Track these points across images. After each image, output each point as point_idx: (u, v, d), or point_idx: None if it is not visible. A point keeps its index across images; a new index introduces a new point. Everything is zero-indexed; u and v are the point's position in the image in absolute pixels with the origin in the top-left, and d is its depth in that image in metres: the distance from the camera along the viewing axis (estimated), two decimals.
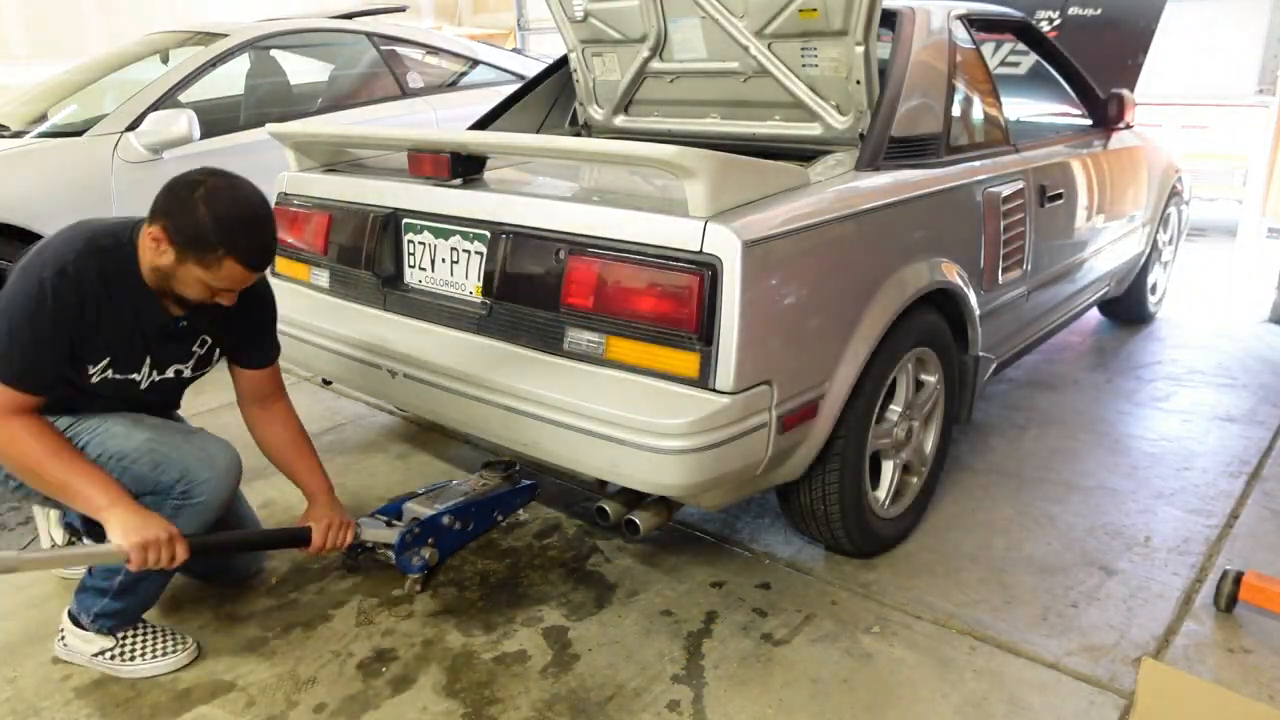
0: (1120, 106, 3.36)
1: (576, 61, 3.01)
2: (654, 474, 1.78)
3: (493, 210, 2.11)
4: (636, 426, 1.76)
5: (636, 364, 1.86)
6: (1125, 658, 1.97)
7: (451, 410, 2.12)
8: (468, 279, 2.15)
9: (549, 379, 1.92)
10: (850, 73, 2.39)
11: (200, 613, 2.13)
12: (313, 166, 2.64)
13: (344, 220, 2.44)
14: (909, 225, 2.23)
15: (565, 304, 1.94)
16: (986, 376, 2.64)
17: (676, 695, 1.86)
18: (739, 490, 2.01)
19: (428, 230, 2.24)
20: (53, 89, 4.18)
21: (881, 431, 2.26)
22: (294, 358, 2.49)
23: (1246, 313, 4.48)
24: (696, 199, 1.79)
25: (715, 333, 1.76)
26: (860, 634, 2.05)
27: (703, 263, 1.76)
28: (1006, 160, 2.68)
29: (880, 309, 2.08)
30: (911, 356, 2.27)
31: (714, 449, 1.75)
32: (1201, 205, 5.90)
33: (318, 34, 4.56)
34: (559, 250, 1.96)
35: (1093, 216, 3.24)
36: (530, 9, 9.62)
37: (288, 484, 2.74)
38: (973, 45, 2.64)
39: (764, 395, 1.83)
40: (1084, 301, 3.52)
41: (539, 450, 1.97)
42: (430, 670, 1.94)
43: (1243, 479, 2.78)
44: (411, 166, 2.30)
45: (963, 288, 2.36)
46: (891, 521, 2.36)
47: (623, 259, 1.87)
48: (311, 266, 2.56)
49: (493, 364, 2.03)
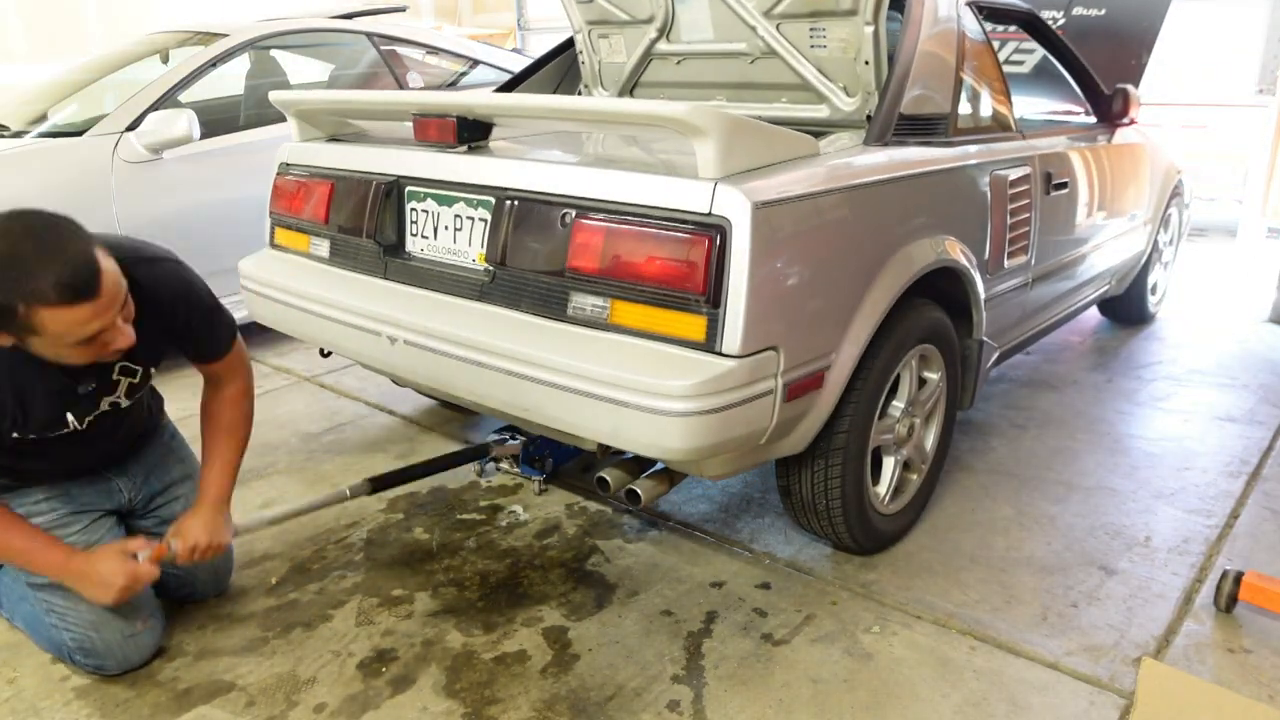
0: (1125, 102, 3.36)
1: (582, 43, 2.99)
2: (658, 438, 1.75)
3: (498, 175, 2.09)
4: (641, 388, 1.73)
5: (642, 328, 1.84)
6: (1125, 658, 1.97)
7: (451, 376, 2.09)
8: (470, 246, 2.13)
9: (552, 344, 1.90)
10: (859, 53, 2.38)
11: (200, 613, 2.13)
12: (316, 137, 2.61)
13: (346, 189, 2.41)
14: (917, 201, 2.22)
15: (570, 268, 1.91)
16: (990, 364, 2.64)
17: (676, 695, 1.86)
18: (741, 461, 1.99)
19: (431, 198, 2.21)
20: (53, 89, 4.17)
21: (884, 427, 2.26)
22: (292, 328, 2.47)
23: (1246, 313, 4.48)
24: (706, 159, 1.77)
25: (723, 295, 1.74)
26: (860, 634, 2.05)
27: (712, 224, 1.75)
28: (1013, 146, 2.69)
29: (887, 283, 2.07)
30: (916, 353, 2.27)
31: (719, 413, 1.73)
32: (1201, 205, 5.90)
33: (318, 34, 4.55)
34: (565, 214, 1.93)
35: (1096, 209, 3.24)
36: (530, 9, 9.61)
37: (287, 484, 2.76)
38: (981, 32, 2.63)
39: (770, 361, 1.81)
40: (1085, 298, 3.52)
41: (541, 415, 1.94)
42: (430, 670, 1.94)
43: (1243, 479, 2.78)
44: (417, 132, 2.26)
45: (969, 268, 2.35)
46: (891, 518, 2.36)
47: (630, 222, 1.84)
48: (311, 237, 2.53)
49: (494, 330, 2.00)
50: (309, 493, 2.69)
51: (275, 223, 2.65)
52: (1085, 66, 3.31)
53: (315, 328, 2.41)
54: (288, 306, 2.43)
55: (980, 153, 2.50)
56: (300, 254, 2.57)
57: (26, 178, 3.32)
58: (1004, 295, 2.68)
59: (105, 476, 2.03)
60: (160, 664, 1.96)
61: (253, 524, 2.14)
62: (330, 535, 2.46)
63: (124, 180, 3.49)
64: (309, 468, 2.87)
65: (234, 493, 2.03)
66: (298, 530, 2.47)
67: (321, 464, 2.90)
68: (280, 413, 3.32)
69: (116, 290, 1.56)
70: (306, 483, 2.77)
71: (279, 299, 2.48)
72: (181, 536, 1.91)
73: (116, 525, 2.03)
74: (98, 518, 1.98)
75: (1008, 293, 2.70)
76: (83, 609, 1.86)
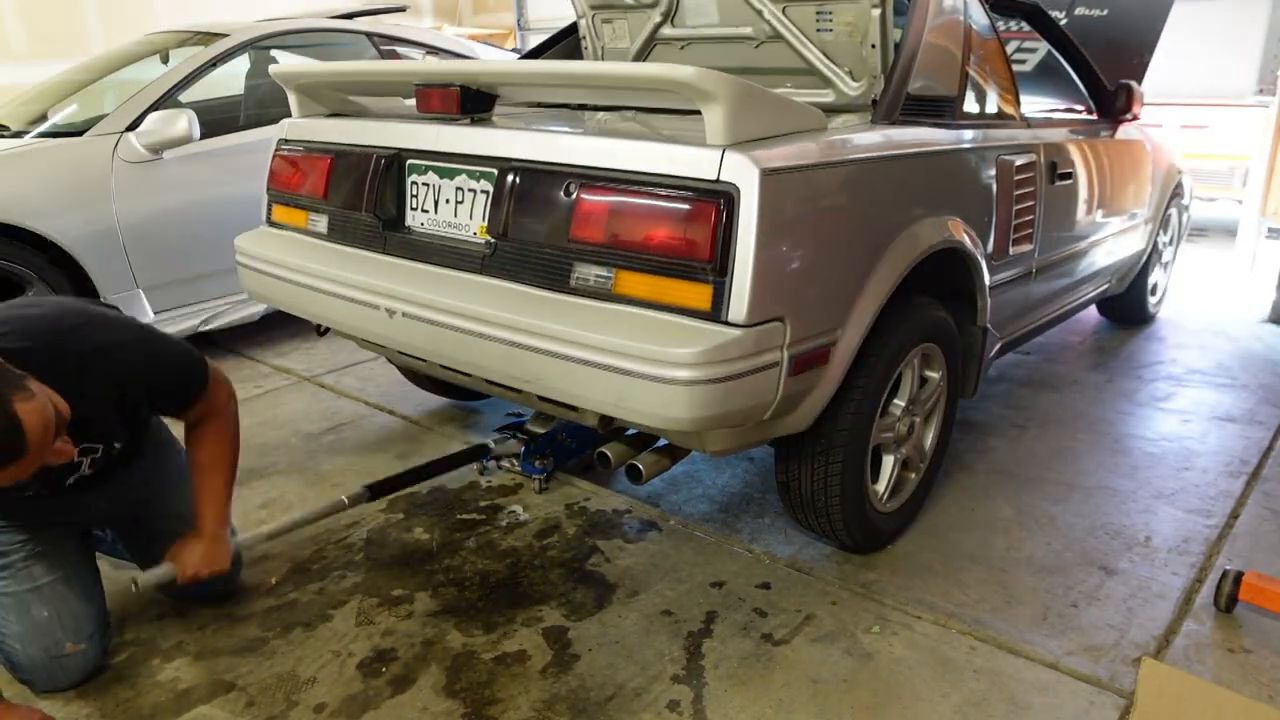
0: (1129, 98, 3.36)
1: (585, 28, 2.98)
2: (661, 407, 1.72)
3: (501, 145, 2.07)
4: (645, 356, 1.70)
5: (647, 298, 1.82)
6: (1125, 658, 1.97)
7: (450, 348, 2.06)
8: (471, 219, 2.11)
9: (554, 314, 1.87)
10: (865, 37, 2.38)
11: (200, 613, 2.13)
12: (316, 112, 2.59)
13: (345, 163, 2.39)
14: (924, 180, 2.22)
15: (574, 238, 1.89)
16: (993, 354, 2.64)
17: (676, 695, 1.86)
18: (744, 437, 1.98)
19: (433, 170, 2.20)
20: (53, 89, 4.17)
21: (885, 425, 2.26)
22: (288, 303, 2.46)
23: (1246, 313, 4.48)
24: (715, 125, 1.75)
25: (730, 263, 1.72)
26: (860, 634, 2.05)
27: (719, 191, 1.73)
28: (1020, 133, 2.69)
29: (894, 261, 2.05)
30: (918, 351, 2.27)
31: (724, 383, 1.70)
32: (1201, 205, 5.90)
33: (318, 34, 4.55)
34: (569, 184, 1.91)
35: (1098, 203, 3.24)
36: (530, 9, 9.62)
37: (287, 484, 2.76)
38: (987, 19, 2.63)
39: (777, 332, 1.79)
40: (1086, 295, 3.52)
41: (542, 386, 1.91)
42: (430, 670, 1.94)
43: (1243, 479, 2.78)
44: (419, 103, 2.24)
45: (974, 252, 2.35)
46: (889, 516, 2.36)
47: (636, 190, 1.82)
48: (309, 213, 2.52)
49: (494, 301, 1.97)
50: (309, 493, 2.69)
51: (273, 199, 2.64)
52: (1089, 62, 3.31)
53: (311, 302, 2.38)
54: (283, 281, 2.40)
55: (987, 137, 2.50)
56: (298, 230, 2.55)
57: (26, 177, 3.32)
58: (1008, 284, 2.68)
59: None
60: (160, 664, 1.96)
61: (251, 540, 2.14)
62: (330, 535, 2.46)
63: (124, 180, 3.48)
64: (309, 468, 2.87)
65: (234, 492, 2.03)
66: (297, 530, 2.47)
67: (321, 464, 2.90)
68: (280, 413, 3.32)
69: (45, 431, 1.46)
70: (306, 483, 2.77)
71: (274, 274, 2.45)
72: (180, 564, 1.91)
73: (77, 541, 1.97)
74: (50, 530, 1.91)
75: (1011, 281, 2.70)
76: (11, 620, 1.83)
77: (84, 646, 1.88)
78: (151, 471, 2.06)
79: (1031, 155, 2.68)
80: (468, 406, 3.33)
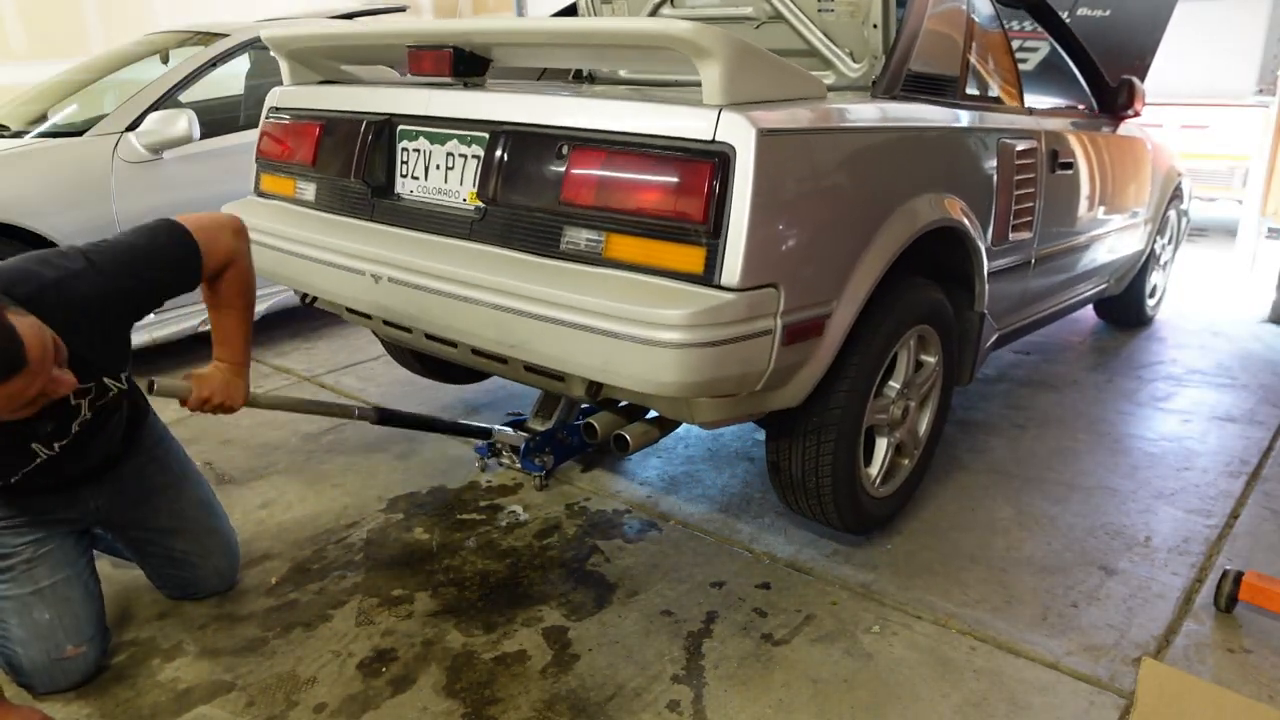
0: (1130, 93, 3.36)
1: (585, 9, 2.98)
2: (650, 371, 1.68)
3: (494, 109, 2.05)
4: (635, 318, 1.67)
5: (638, 261, 1.79)
6: (1125, 658, 1.97)
7: (437, 314, 2.03)
8: (462, 185, 2.09)
9: (543, 278, 1.85)
10: (867, 17, 2.37)
11: (200, 613, 2.13)
12: (308, 80, 2.57)
13: (335, 130, 2.36)
14: (923, 156, 2.20)
15: (565, 200, 1.86)
16: (989, 345, 2.63)
17: (676, 695, 1.86)
18: (735, 409, 1.95)
19: (424, 136, 2.18)
20: (53, 89, 4.17)
21: (879, 406, 2.24)
22: (272, 271, 2.44)
23: (1246, 313, 4.49)
24: (711, 84, 1.71)
25: (724, 225, 1.69)
26: (860, 634, 2.05)
27: (715, 152, 1.70)
28: (1021, 119, 2.68)
29: (891, 235, 2.03)
30: (914, 333, 2.26)
31: (715, 347, 1.66)
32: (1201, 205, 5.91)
33: None
34: (562, 146, 1.89)
35: (1098, 198, 3.24)
36: (530, 9, 9.61)
37: (287, 484, 2.76)
38: (991, 9, 2.62)
39: (770, 299, 1.76)
40: (1084, 292, 3.52)
41: (528, 351, 1.88)
42: (430, 670, 1.94)
43: (1243, 479, 2.78)
44: (411, 65, 2.21)
45: (972, 234, 2.34)
46: (881, 502, 2.35)
47: (630, 151, 1.80)
48: (297, 180, 2.50)
49: (482, 266, 1.95)
50: (309, 493, 2.69)
51: (261, 169, 2.64)
52: (1091, 58, 3.31)
53: (295, 269, 2.36)
54: (267, 248, 2.37)
55: (988, 119, 2.49)
56: (285, 199, 2.54)
57: (26, 177, 3.32)
58: (1006, 272, 2.67)
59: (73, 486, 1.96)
60: (160, 664, 1.96)
61: (266, 401, 2.23)
62: (330, 535, 2.46)
63: (124, 180, 3.49)
64: (309, 468, 2.87)
65: (233, 493, 2.03)
66: (298, 530, 2.47)
67: (321, 464, 2.90)
68: (280, 413, 3.31)
69: (43, 349, 1.46)
70: (306, 483, 2.77)
71: (261, 242, 2.40)
72: (198, 384, 1.94)
73: (77, 543, 1.97)
74: (51, 532, 1.91)
75: (1010, 270, 2.69)
76: (12, 624, 1.84)
77: (84, 649, 1.88)
78: (149, 471, 2.07)
79: (1033, 141, 2.68)
80: (468, 406, 3.33)
